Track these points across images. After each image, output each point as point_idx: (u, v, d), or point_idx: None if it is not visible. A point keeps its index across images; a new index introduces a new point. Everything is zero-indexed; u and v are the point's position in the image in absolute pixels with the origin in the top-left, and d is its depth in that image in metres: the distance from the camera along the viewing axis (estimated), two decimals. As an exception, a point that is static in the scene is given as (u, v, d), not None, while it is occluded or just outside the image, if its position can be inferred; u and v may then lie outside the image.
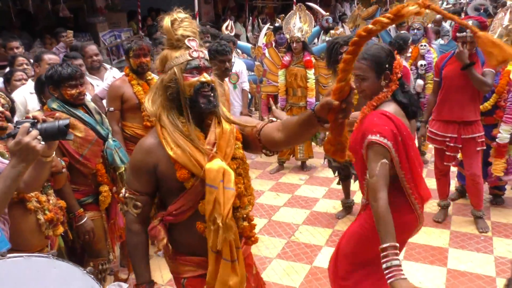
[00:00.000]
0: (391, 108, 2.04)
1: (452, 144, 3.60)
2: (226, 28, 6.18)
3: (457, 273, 3.12)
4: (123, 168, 2.65)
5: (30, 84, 3.17)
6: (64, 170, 2.14)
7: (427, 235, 3.69)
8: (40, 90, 2.70)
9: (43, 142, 1.39)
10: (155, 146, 1.60)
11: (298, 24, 4.70)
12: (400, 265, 1.73)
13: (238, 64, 5.12)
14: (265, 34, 5.23)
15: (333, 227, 3.89)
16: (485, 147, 3.61)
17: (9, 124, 1.81)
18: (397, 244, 1.77)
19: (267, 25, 5.49)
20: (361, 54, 1.94)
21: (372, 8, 7.85)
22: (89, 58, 3.81)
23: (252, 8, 11.42)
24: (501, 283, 2.99)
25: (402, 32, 5.24)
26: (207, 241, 1.60)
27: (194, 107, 1.57)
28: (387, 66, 2.05)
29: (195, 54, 1.55)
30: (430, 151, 5.68)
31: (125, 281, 3.12)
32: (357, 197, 4.23)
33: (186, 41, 1.55)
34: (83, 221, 2.48)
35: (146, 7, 9.11)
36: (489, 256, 3.33)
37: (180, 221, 1.64)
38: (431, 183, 4.80)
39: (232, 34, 6.20)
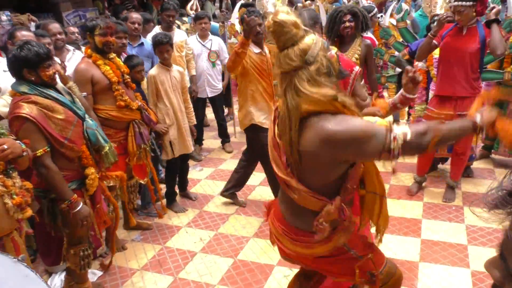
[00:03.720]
0: None
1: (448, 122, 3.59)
2: (191, 8, 5.99)
3: (430, 243, 3.19)
4: (107, 148, 2.54)
5: (3, 62, 2.95)
6: (25, 153, 2.02)
7: (401, 207, 3.75)
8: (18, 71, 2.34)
9: None
10: None
11: (271, 0, 4.59)
12: None
13: (217, 42, 5.01)
14: (239, 10, 5.09)
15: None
16: None
17: None
18: None
19: (240, 2, 5.33)
20: None
21: None
22: (53, 36, 3.62)
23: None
24: (472, 250, 3.08)
25: None
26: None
27: None
28: None
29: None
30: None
31: (107, 267, 3.06)
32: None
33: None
34: (79, 207, 2.36)
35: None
36: (460, 225, 3.42)
37: None
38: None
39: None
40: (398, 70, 4.78)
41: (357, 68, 2.68)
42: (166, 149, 3.70)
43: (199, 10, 6.22)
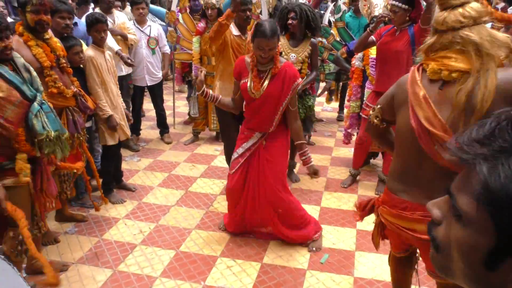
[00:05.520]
0: None
1: None
2: None
3: (365, 233, 3.37)
4: (44, 135, 2.35)
5: None
6: None
7: (337, 200, 3.92)
8: None
9: None
10: None
11: None
12: None
13: (155, 28, 4.85)
14: None
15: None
16: None
17: None
18: None
19: None
20: None
21: None
22: None
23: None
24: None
25: None
26: None
27: None
28: None
29: None
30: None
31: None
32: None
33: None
34: None
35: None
36: (391, 216, 3.65)
37: None
38: (339, 152, 5.10)
39: None
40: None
41: (299, 80, 2.91)
42: (105, 135, 3.54)
43: None
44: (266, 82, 2.85)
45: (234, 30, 3.68)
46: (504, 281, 0.55)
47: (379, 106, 1.91)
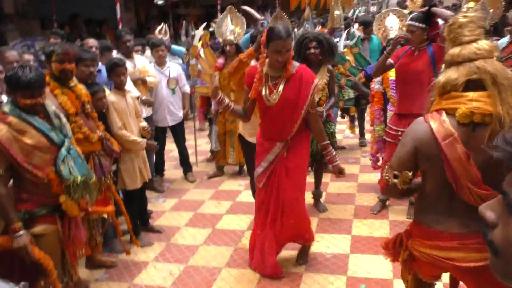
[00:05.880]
0: None
1: None
2: (160, 31, 5.96)
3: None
4: (70, 181, 2.40)
5: None
6: None
7: (368, 227, 3.80)
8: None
9: None
10: None
11: (230, 27, 4.63)
12: None
13: (175, 69, 4.97)
14: (201, 35, 5.15)
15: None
16: None
17: None
18: None
19: (203, 25, 5.36)
20: None
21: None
22: (9, 64, 3.43)
23: (176, 16, 11.21)
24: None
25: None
26: None
27: None
28: None
29: None
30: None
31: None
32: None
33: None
34: (18, 235, 2.24)
35: (63, 14, 8.49)
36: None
37: None
38: (365, 178, 5.00)
39: (167, 38, 5.99)
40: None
41: (316, 80, 2.89)
42: (124, 179, 3.57)
43: (168, 35, 6.20)
44: (281, 87, 2.80)
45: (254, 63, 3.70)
46: None
47: (402, 173, 1.79)
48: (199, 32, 5.00)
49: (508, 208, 0.57)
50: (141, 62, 4.58)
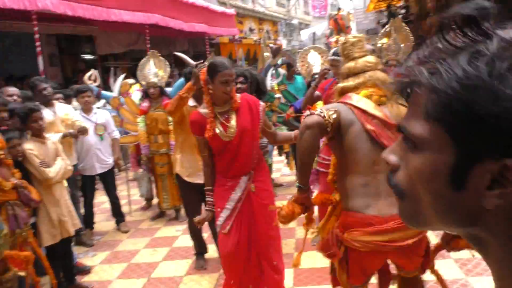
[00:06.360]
0: None
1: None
2: (89, 78, 5.79)
3: None
4: None
5: None
6: None
7: (310, 259, 3.74)
8: None
9: None
10: None
11: (153, 70, 4.62)
12: None
13: (103, 115, 4.79)
14: (120, 84, 5.06)
15: (219, 271, 3.68)
16: None
17: None
18: None
19: (122, 76, 5.31)
20: None
21: None
22: None
23: (105, 69, 11.05)
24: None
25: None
26: None
27: None
28: None
29: None
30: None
31: None
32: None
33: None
34: None
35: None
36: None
37: None
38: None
39: (97, 84, 5.82)
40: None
41: (263, 103, 2.91)
42: (42, 235, 3.28)
43: (98, 80, 6.03)
44: (234, 120, 2.72)
45: (190, 101, 3.58)
46: (476, 196, 0.48)
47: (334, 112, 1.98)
48: (118, 82, 4.96)
49: (405, 143, 0.55)
50: (63, 110, 4.35)
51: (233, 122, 2.71)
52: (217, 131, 2.69)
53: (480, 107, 0.44)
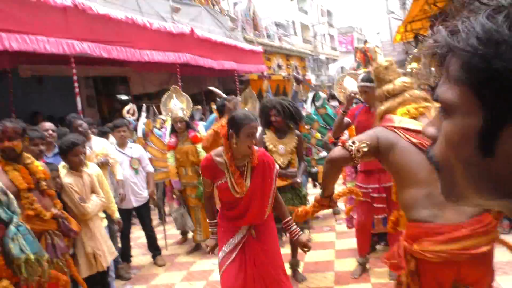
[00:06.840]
0: None
1: (376, 195, 3.66)
2: (128, 111, 5.98)
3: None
4: (23, 259, 2.22)
5: None
6: None
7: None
8: None
9: None
10: None
11: (179, 105, 4.72)
12: None
13: (137, 149, 4.90)
14: (144, 123, 5.19)
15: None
16: None
17: None
18: None
19: (144, 115, 5.46)
20: None
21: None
22: None
23: (139, 108, 11.42)
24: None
25: None
26: None
27: None
28: None
29: None
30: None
31: None
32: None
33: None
34: None
35: (22, 113, 8.43)
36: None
37: None
38: (342, 244, 4.84)
39: (134, 117, 5.99)
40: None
41: (277, 167, 2.80)
42: (82, 263, 3.32)
43: (136, 114, 6.21)
44: (249, 178, 2.62)
45: None
46: (507, 163, 0.45)
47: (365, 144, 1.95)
48: (141, 123, 5.09)
49: (441, 112, 0.53)
50: (100, 144, 4.48)
51: (248, 181, 2.62)
52: (229, 184, 2.60)
53: (501, 63, 0.42)
